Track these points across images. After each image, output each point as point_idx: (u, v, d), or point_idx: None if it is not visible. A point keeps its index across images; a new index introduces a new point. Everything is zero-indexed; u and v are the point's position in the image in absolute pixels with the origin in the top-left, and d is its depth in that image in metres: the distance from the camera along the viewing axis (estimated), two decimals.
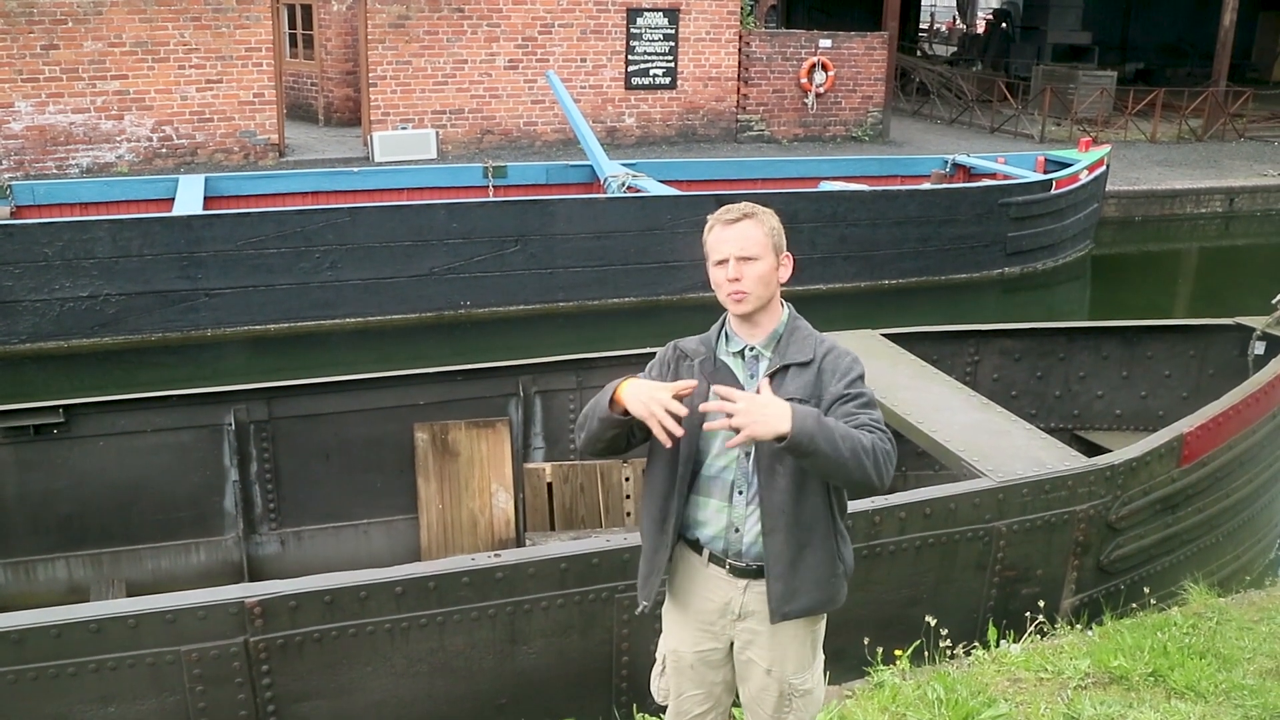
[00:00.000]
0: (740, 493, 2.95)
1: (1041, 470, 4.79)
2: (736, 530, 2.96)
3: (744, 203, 3.00)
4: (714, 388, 2.78)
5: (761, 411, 2.68)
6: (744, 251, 2.90)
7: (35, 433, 5.50)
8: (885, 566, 4.57)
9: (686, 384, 2.82)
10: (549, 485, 6.10)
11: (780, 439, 2.69)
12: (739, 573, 2.98)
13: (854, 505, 4.49)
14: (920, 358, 6.15)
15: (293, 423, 5.87)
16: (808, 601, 2.96)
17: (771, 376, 2.91)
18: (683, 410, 2.77)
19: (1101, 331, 6.62)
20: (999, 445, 5.03)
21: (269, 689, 3.92)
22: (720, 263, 2.93)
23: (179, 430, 5.73)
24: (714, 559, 3.01)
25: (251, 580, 5.70)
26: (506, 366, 6.16)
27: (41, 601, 5.27)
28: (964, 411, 5.41)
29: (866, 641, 4.51)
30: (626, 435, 2.95)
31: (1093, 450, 5.93)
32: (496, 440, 6.04)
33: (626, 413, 2.83)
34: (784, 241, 2.99)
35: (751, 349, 2.98)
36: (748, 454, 2.93)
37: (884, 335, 6.39)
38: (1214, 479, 5.29)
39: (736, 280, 2.89)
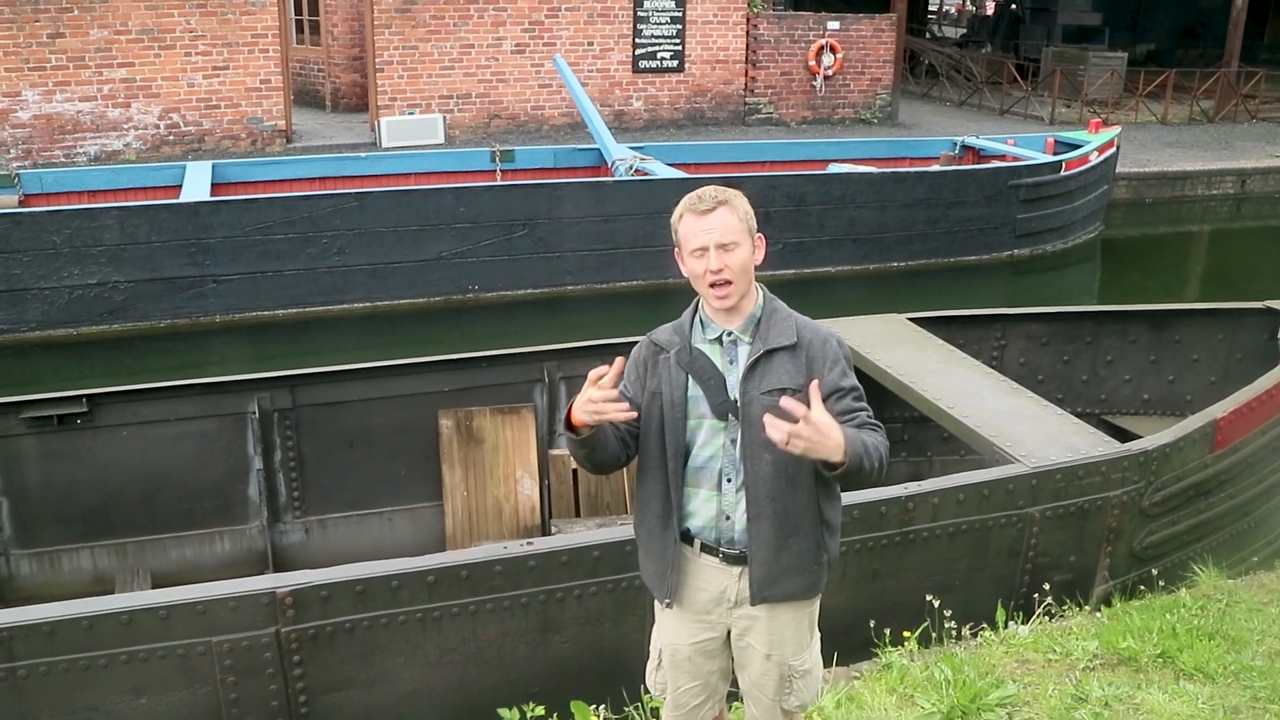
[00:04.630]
0: (729, 480, 2.92)
1: (1075, 456, 4.74)
2: (727, 518, 2.94)
3: (713, 187, 2.91)
4: (782, 401, 2.70)
5: (823, 442, 2.64)
6: (723, 239, 2.82)
7: (59, 423, 5.47)
8: (918, 553, 4.53)
9: (604, 370, 2.76)
10: (574, 472, 6.05)
11: (829, 466, 2.72)
12: (732, 560, 2.96)
13: (888, 492, 4.49)
14: (946, 342, 6.10)
15: (316, 410, 5.83)
16: (790, 587, 2.96)
17: (755, 363, 2.86)
18: (611, 393, 2.73)
19: (1129, 315, 6.55)
20: (1031, 430, 4.98)
21: (300, 680, 3.89)
22: (699, 252, 2.84)
23: (202, 419, 5.69)
24: (706, 549, 2.98)
25: (276, 569, 5.67)
26: (531, 352, 6.11)
27: (67, 592, 5.24)
28: (994, 396, 5.36)
29: (888, 631, 4.48)
30: (619, 448, 2.95)
31: (1120, 435, 5.88)
32: (521, 427, 5.99)
33: (585, 427, 2.81)
34: (755, 224, 2.91)
35: (729, 334, 2.92)
36: (734, 441, 2.90)
37: (910, 319, 6.34)
38: (1247, 464, 5.24)
39: (720, 271, 2.81)
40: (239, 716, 3.85)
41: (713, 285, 2.84)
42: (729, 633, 3.07)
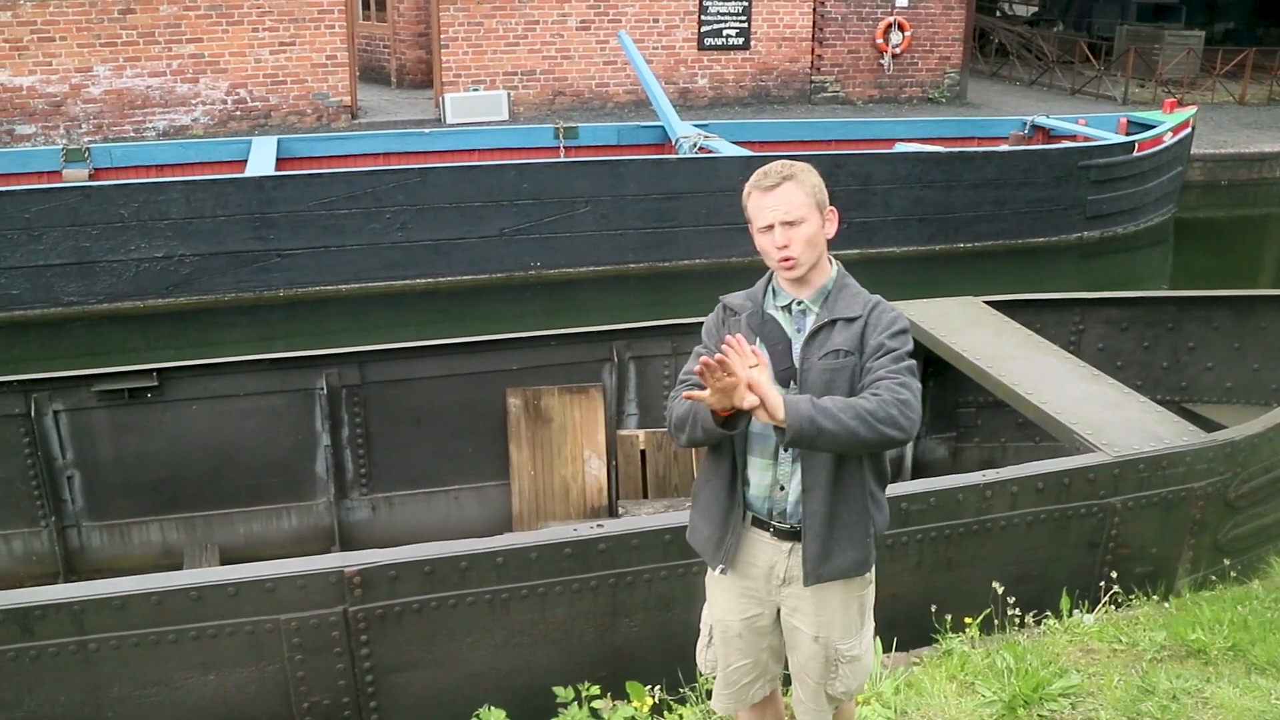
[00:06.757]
0: (785, 449, 2.89)
1: (1159, 445, 4.60)
2: (781, 488, 2.94)
3: (780, 162, 2.93)
4: (726, 338, 2.70)
5: (749, 388, 2.66)
6: (788, 215, 2.85)
7: (129, 396, 5.51)
8: (995, 542, 4.42)
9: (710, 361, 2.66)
10: (642, 453, 6.01)
11: (779, 429, 2.70)
12: (783, 535, 2.95)
13: (965, 479, 4.39)
14: (1022, 326, 5.95)
15: (384, 387, 5.83)
16: (842, 563, 2.93)
17: (818, 330, 2.87)
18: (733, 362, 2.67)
19: (1212, 301, 6.35)
20: (1112, 418, 4.84)
21: (368, 659, 3.87)
22: (765, 229, 2.88)
23: (271, 394, 5.71)
24: (758, 522, 2.98)
25: (342, 546, 5.69)
26: (600, 331, 6.07)
27: (136, 564, 5.29)
28: (1074, 382, 5.22)
29: (948, 617, 4.37)
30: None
31: (1203, 424, 5.70)
32: (590, 406, 5.94)
33: (735, 413, 2.75)
34: (826, 197, 2.92)
35: (799, 303, 2.95)
36: None
37: (985, 302, 6.20)
38: None
39: (784, 247, 2.84)
40: (306, 694, 3.85)
41: (780, 260, 2.87)
42: (779, 611, 3.05)
